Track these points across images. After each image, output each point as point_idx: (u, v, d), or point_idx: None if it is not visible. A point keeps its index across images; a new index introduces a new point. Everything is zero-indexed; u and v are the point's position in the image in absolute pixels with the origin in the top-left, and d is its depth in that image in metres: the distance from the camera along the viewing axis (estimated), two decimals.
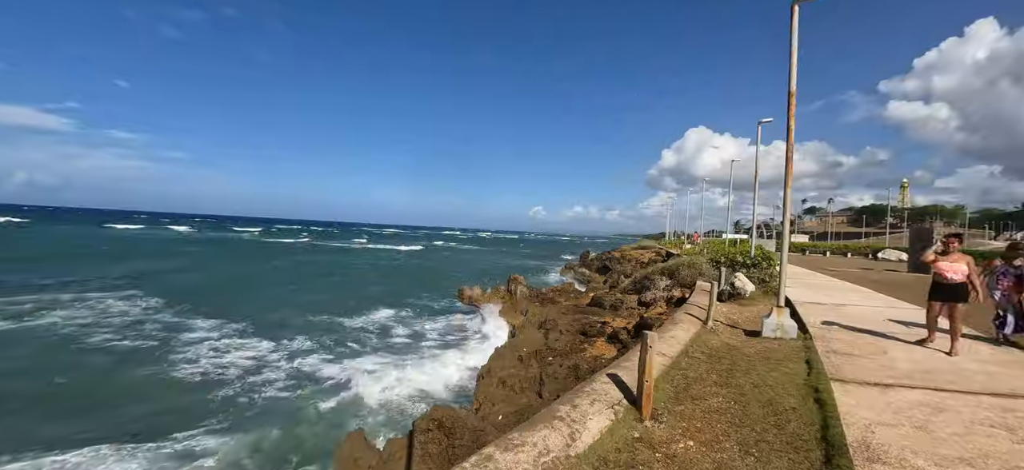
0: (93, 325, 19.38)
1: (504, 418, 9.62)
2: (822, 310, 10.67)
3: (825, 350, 6.94)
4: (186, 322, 20.40)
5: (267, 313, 22.66)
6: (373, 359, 16.30)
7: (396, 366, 15.41)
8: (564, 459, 3.53)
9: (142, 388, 12.87)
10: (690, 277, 18.36)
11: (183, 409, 11.47)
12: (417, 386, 13.81)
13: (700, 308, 10.44)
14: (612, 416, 4.34)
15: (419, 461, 8.32)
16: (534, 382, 11.56)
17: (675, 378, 5.81)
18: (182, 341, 17.09)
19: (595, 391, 4.76)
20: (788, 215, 8.66)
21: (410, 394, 13.36)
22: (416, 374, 14.68)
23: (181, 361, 15.03)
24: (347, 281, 37.37)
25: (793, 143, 8.29)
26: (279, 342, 17.61)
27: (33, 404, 11.41)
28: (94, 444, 9.51)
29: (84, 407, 11.34)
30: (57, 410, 11.19)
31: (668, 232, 79.34)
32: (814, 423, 4.48)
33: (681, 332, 8.06)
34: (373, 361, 16.06)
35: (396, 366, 15.41)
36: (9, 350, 15.11)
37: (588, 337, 14.55)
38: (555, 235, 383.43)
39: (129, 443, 9.67)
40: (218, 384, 13.19)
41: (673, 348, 6.99)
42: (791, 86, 8.15)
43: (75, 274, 31.44)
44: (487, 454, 3.36)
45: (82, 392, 12.33)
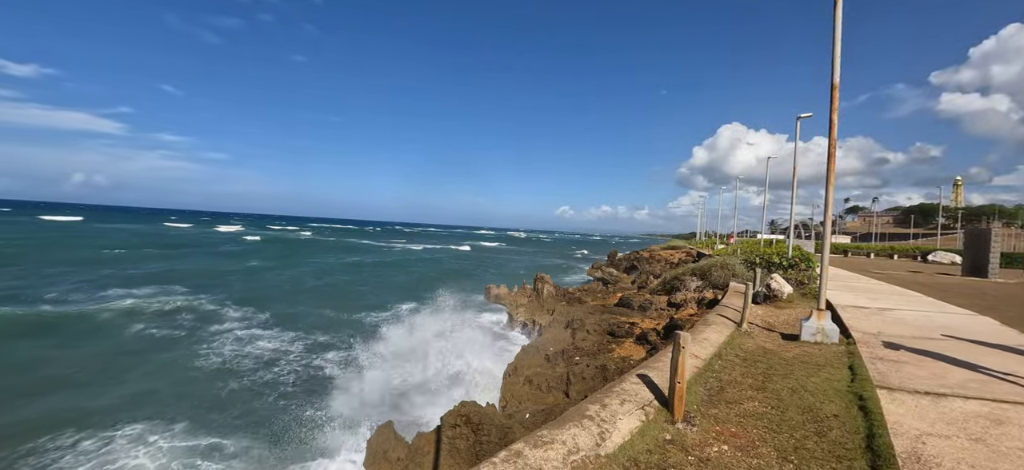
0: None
1: (531, 416, 9.61)
2: (866, 314, 10.14)
3: (870, 356, 6.59)
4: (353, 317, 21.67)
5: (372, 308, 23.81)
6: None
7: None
8: (593, 458, 3.49)
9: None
10: (723, 278, 17.82)
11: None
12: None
13: (734, 310, 10.12)
14: (643, 417, 4.26)
15: (447, 455, 8.44)
16: (561, 381, 11.50)
17: (708, 381, 5.66)
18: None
19: (625, 391, 4.69)
20: (829, 214, 8.26)
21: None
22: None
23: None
24: (424, 277, 39.37)
25: (836, 139, 7.90)
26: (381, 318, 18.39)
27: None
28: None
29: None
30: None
31: (699, 232, 77.21)
32: (858, 431, 4.26)
33: (714, 334, 7.83)
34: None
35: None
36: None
37: (616, 338, 14.36)
38: (587, 234, 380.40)
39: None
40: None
41: (706, 350, 6.81)
42: (834, 79, 7.77)
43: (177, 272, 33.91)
44: (516, 450, 3.37)
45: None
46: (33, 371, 14.01)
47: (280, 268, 42.57)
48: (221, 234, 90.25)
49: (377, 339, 18.52)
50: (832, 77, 7.82)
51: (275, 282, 33.28)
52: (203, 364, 15.66)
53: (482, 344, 18.44)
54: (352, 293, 31.60)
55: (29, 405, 11.78)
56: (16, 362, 14.55)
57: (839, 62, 7.83)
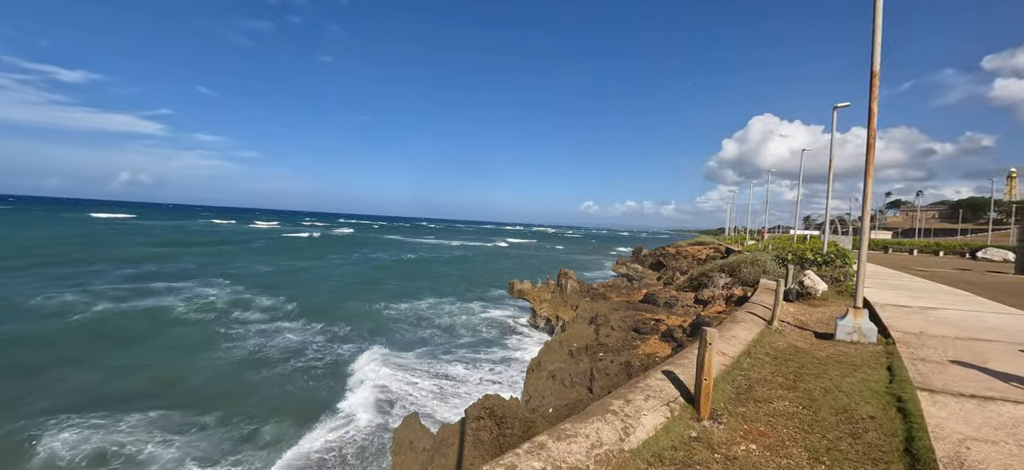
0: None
1: (554, 411, 9.64)
2: (907, 313, 9.67)
3: (911, 357, 6.30)
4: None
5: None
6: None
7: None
8: (617, 452, 3.50)
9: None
10: (753, 275, 17.31)
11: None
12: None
13: (764, 308, 9.84)
14: (667, 413, 4.23)
15: (471, 447, 8.56)
16: (584, 377, 11.47)
17: (736, 379, 5.54)
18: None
19: (649, 387, 4.65)
20: (868, 208, 7.91)
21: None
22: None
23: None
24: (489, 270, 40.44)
25: (875, 129, 7.55)
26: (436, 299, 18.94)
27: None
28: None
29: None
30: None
31: (728, 227, 75.06)
32: (896, 434, 4.10)
33: (743, 332, 7.65)
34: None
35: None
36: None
37: (641, 334, 14.18)
38: (613, 230, 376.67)
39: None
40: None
41: (734, 348, 6.66)
42: (874, 65, 7.41)
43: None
44: (540, 442, 3.40)
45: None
46: (130, 354, 14.99)
47: (344, 266, 43.98)
48: (259, 230, 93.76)
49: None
50: (872, 64, 7.46)
51: (352, 282, 34.13)
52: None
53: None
54: (427, 287, 32.70)
55: (127, 384, 12.65)
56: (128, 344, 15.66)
57: (880, 47, 7.46)
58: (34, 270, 29.90)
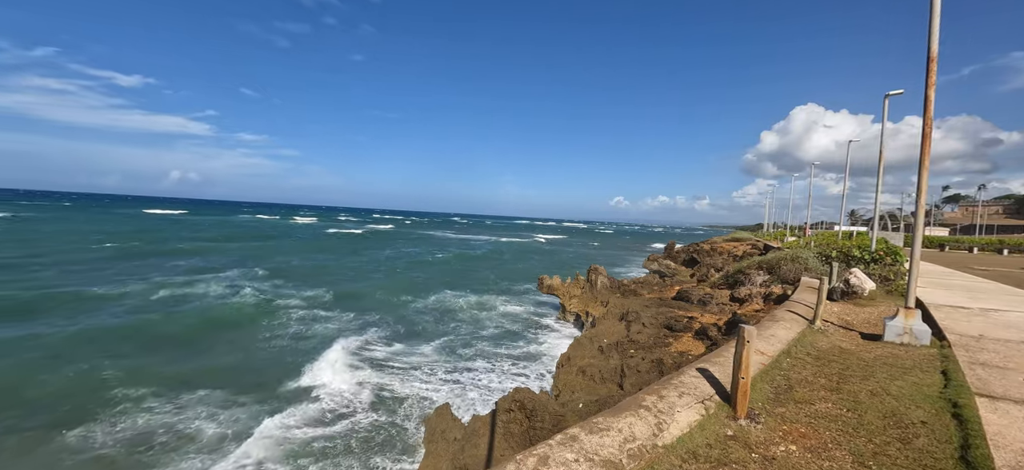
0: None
1: (584, 406, 9.63)
2: (966, 315, 9.05)
3: (968, 361, 5.92)
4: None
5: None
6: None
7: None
8: (650, 448, 3.48)
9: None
10: (793, 272, 16.61)
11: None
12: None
13: (805, 306, 9.46)
14: (702, 411, 4.16)
15: (501, 438, 8.69)
16: (615, 373, 11.38)
17: (775, 378, 5.38)
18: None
19: (684, 384, 4.59)
20: (922, 202, 7.44)
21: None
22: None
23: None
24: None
25: (932, 117, 7.08)
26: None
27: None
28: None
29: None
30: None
31: (767, 223, 72.12)
32: (951, 441, 3.89)
33: (782, 331, 7.39)
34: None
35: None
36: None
37: (673, 332, 13.91)
38: (645, 225, 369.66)
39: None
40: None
41: (773, 347, 6.45)
42: (931, 49, 6.94)
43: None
44: (572, 434, 3.44)
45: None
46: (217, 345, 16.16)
47: (379, 261, 45.39)
48: (300, 225, 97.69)
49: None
50: (929, 47, 6.99)
51: (386, 276, 35.18)
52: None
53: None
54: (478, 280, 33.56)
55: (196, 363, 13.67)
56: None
57: (938, 29, 6.97)
58: (111, 262, 32.36)
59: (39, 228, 52.91)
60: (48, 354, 14.12)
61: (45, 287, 22.70)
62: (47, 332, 15.97)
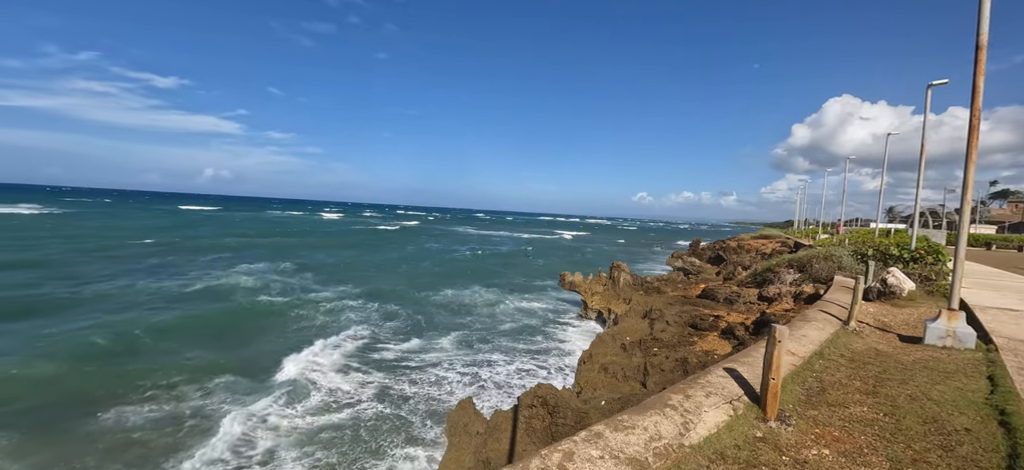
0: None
1: (607, 403, 9.57)
2: (1014, 317, 8.56)
3: (1018, 366, 5.60)
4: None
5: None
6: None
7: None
8: (676, 447, 3.45)
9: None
10: (826, 271, 16.04)
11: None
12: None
13: (839, 306, 9.13)
14: (730, 411, 4.08)
15: (523, 434, 8.73)
16: (638, 371, 11.26)
17: (806, 380, 5.22)
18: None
19: (711, 384, 4.51)
20: (969, 198, 7.05)
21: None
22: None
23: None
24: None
25: (980, 108, 6.69)
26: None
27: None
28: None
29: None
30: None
31: (797, 220, 69.72)
32: (997, 449, 3.70)
33: (814, 331, 7.16)
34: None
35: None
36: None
37: (698, 330, 13.65)
38: (669, 222, 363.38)
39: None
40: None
41: (804, 348, 6.26)
42: (980, 36, 6.56)
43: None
44: (597, 431, 3.43)
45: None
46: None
47: (404, 256, 46.28)
48: (327, 221, 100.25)
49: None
50: (978, 34, 6.60)
51: (410, 271, 35.91)
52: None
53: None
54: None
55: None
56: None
57: (988, 15, 6.57)
58: (150, 256, 34.02)
59: (84, 224, 55.99)
60: (90, 345, 14.92)
61: (89, 281, 24.04)
62: (88, 325, 16.89)
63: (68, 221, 58.17)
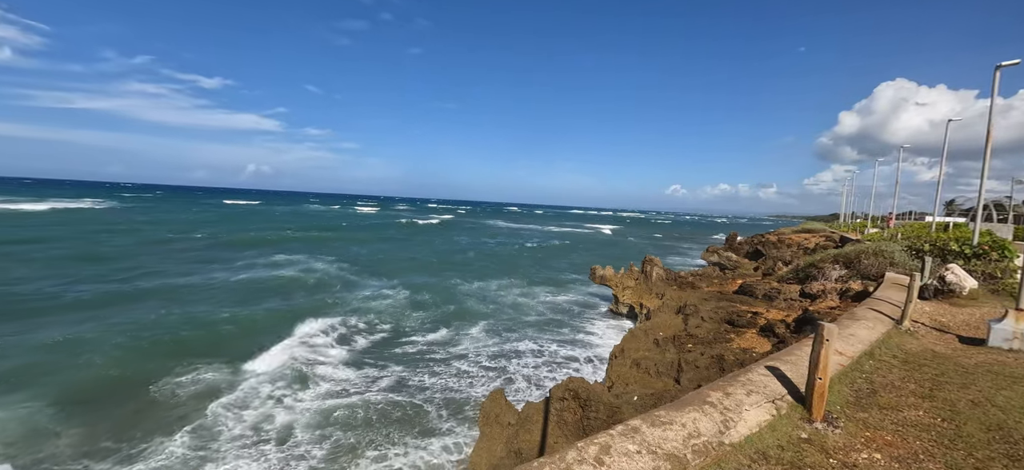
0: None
1: (640, 399, 9.46)
2: None
3: None
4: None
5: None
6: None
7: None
8: (716, 445, 3.38)
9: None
10: (876, 267, 15.17)
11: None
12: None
13: (891, 305, 8.63)
14: (773, 411, 3.96)
15: (554, 426, 8.76)
16: (671, 368, 11.05)
17: (855, 381, 4.98)
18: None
19: (752, 382, 4.38)
20: None
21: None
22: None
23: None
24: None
25: None
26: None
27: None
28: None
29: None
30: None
31: (843, 213, 66.10)
32: None
33: (864, 330, 6.80)
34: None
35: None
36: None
37: (735, 327, 13.23)
38: (705, 215, 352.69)
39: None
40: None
41: (852, 347, 5.97)
42: None
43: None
44: (634, 426, 3.41)
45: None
46: None
47: (437, 248, 47.28)
48: (363, 214, 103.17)
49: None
50: None
51: (445, 263, 36.86)
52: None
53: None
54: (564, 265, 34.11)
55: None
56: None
57: None
58: (202, 250, 36.15)
59: (138, 217, 60.03)
60: (147, 332, 16.03)
61: (148, 272, 25.79)
62: (148, 317, 18.12)
63: (127, 215, 62.49)
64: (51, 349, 13.71)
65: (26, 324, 15.81)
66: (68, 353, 13.52)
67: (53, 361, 13.01)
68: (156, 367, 13.07)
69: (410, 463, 10.15)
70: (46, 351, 13.58)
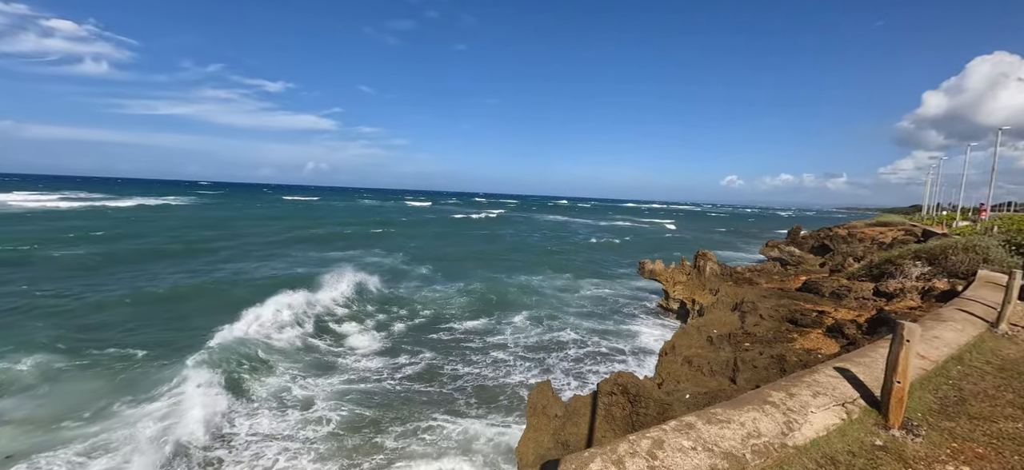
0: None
1: (692, 397, 9.15)
2: None
3: None
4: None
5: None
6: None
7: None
8: (778, 447, 3.21)
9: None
10: (966, 264, 13.64)
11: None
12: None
13: (985, 306, 7.75)
14: (843, 415, 3.70)
15: (602, 421, 8.68)
16: (726, 366, 10.58)
17: (940, 388, 4.54)
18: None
19: (818, 383, 4.11)
20: None
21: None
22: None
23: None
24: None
25: None
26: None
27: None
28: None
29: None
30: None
31: (927, 204, 59.81)
32: None
33: (951, 333, 6.17)
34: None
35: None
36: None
37: (798, 326, 12.42)
38: (766, 208, 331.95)
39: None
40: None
41: (937, 351, 5.43)
42: None
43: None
44: (688, 422, 3.32)
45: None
46: None
47: (490, 242, 48.32)
48: (414, 208, 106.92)
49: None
50: None
51: (494, 257, 37.82)
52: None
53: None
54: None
55: None
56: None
57: None
58: (285, 245, 39.06)
59: (216, 213, 65.70)
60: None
61: (232, 261, 28.21)
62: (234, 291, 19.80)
63: (208, 211, 68.57)
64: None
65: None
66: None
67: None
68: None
69: (437, 438, 10.45)
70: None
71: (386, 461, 9.64)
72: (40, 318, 15.94)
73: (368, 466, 9.47)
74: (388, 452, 9.91)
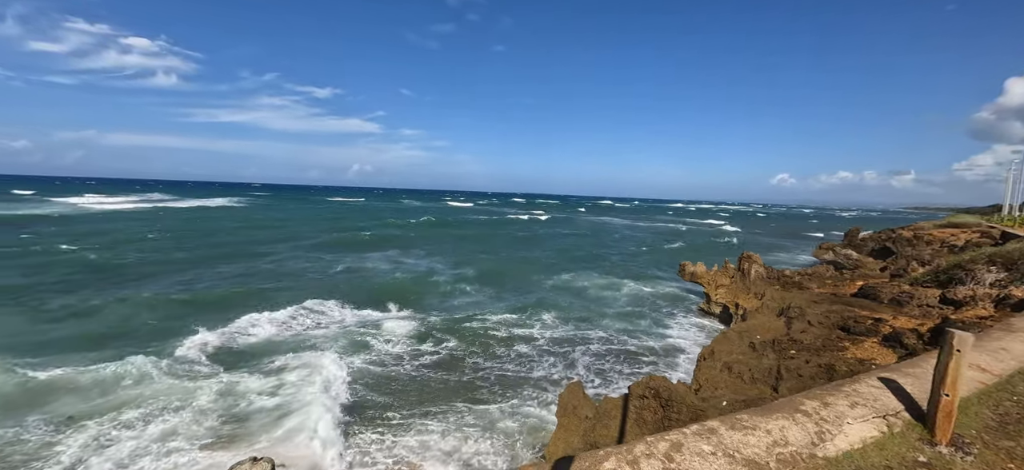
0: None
1: (729, 404, 8.81)
2: None
3: None
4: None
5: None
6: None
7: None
8: (806, 457, 3.08)
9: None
10: None
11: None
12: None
13: None
14: (883, 427, 3.48)
15: (633, 424, 8.55)
16: (769, 374, 10.11)
17: (1002, 404, 4.15)
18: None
19: (858, 393, 3.89)
20: None
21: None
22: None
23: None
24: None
25: None
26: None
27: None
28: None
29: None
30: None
31: (1008, 204, 54.06)
32: None
33: (1021, 346, 5.61)
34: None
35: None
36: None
37: (851, 334, 11.64)
38: (822, 208, 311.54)
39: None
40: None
41: (1003, 364, 4.97)
42: None
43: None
44: (710, 427, 3.25)
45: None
46: None
47: (534, 243, 48.85)
48: (455, 208, 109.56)
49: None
50: None
51: (536, 257, 38.31)
52: None
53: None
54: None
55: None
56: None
57: None
58: (328, 247, 41.21)
59: (268, 214, 69.89)
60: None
61: (283, 259, 30.00)
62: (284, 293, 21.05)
63: (261, 211, 73.12)
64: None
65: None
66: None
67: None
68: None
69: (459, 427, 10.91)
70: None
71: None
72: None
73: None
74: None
